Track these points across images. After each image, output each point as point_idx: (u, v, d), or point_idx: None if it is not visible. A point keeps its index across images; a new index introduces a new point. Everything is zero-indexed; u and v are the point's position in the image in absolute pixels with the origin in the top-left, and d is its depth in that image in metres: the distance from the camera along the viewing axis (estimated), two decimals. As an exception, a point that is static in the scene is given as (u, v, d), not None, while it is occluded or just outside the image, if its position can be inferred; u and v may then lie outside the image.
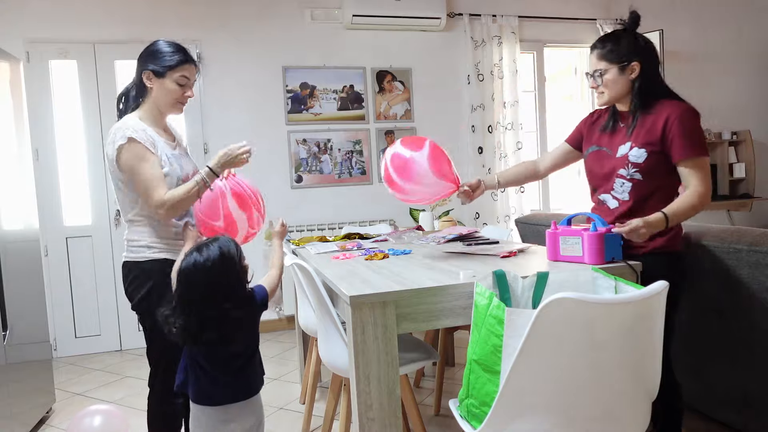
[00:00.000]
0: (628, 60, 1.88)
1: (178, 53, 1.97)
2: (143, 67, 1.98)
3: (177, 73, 1.96)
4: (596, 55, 1.93)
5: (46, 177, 3.99)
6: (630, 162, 1.89)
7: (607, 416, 1.28)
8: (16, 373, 2.61)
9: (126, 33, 4.10)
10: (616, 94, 1.93)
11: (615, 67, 1.90)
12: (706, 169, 1.84)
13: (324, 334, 2.00)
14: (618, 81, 1.91)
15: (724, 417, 2.31)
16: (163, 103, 2.00)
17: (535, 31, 5.02)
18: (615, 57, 1.89)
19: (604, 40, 1.93)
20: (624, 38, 1.90)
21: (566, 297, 1.16)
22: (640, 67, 1.89)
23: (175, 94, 1.98)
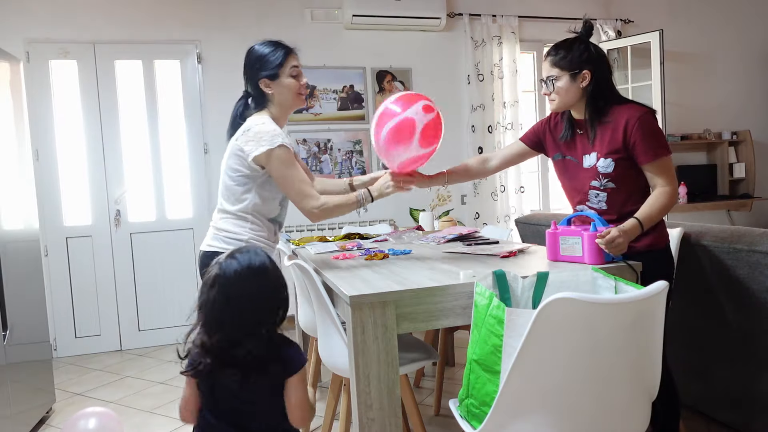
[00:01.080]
0: (580, 68, 1.91)
1: (279, 49, 2.02)
2: (256, 76, 2.03)
3: (287, 67, 2.02)
4: (549, 62, 1.96)
5: (46, 177, 3.99)
6: (600, 173, 1.93)
7: (607, 416, 1.28)
8: (16, 373, 2.61)
9: (126, 33, 4.10)
10: (568, 101, 1.96)
11: (566, 74, 1.92)
12: (670, 167, 1.88)
13: (324, 334, 2.00)
14: (570, 89, 1.93)
15: (725, 417, 2.31)
16: (288, 101, 2.05)
17: (535, 31, 5.02)
18: (567, 64, 1.92)
19: (557, 48, 1.96)
20: (576, 46, 1.93)
21: (566, 297, 1.16)
22: (591, 75, 1.91)
23: (294, 88, 2.04)
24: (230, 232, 2.01)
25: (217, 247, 1.99)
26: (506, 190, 4.87)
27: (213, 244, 2.01)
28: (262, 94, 2.04)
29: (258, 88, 2.03)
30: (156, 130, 4.22)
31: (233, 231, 2.00)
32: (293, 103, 2.07)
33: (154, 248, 4.21)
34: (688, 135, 5.47)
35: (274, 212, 2.09)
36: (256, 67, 2.02)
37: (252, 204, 2.00)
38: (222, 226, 2.02)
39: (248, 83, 2.07)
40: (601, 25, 5.10)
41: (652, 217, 1.82)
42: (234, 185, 2.01)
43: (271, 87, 2.02)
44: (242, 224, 2.01)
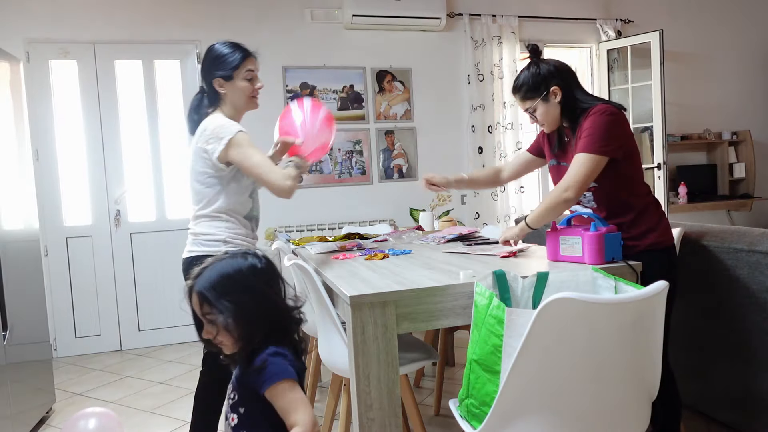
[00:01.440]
0: (546, 88, 1.96)
1: (237, 51, 2.06)
2: (211, 75, 2.05)
3: (242, 70, 2.05)
4: (519, 99, 2.03)
5: (46, 177, 4.00)
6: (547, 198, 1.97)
7: (607, 416, 1.28)
8: (16, 373, 2.61)
9: (126, 33, 4.10)
10: (555, 121, 2.01)
11: (538, 100, 1.98)
12: (584, 163, 1.85)
13: (324, 334, 2.00)
14: (549, 110, 1.99)
15: (725, 417, 2.31)
16: (240, 103, 2.09)
17: (535, 31, 5.02)
18: (534, 93, 1.98)
19: (517, 82, 2.02)
20: (532, 72, 1.98)
21: (566, 297, 1.16)
22: (560, 88, 1.95)
23: (247, 91, 2.08)
24: (208, 235, 2.02)
25: (197, 251, 2.01)
26: (506, 190, 4.87)
27: (193, 249, 2.04)
28: (215, 93, 2.08)
29: (212, 87, 2.06)
30: (156, 130, 4.22)
31: (210, 233, 2.02)
32: (245, 105, 2.12)
33: (154, 248, 4.21)
34: (688, 135, 5.47)
35: (247, 207, 2.12)
36: (212, 65, 2.05)
37: (224, 203, 2.03)
38: (199, 230, 2.05)
39: (203, 80, 2.10)
40: (601, 25, 5.10)
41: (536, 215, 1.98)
42: (204, 188, 2.03)
43: (224, 87, 2.06)
44: (218, 224, 2.03)
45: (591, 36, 5.17)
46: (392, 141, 4.70)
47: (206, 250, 2.00)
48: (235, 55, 2.04)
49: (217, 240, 2.02)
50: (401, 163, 4.74)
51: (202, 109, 2.11)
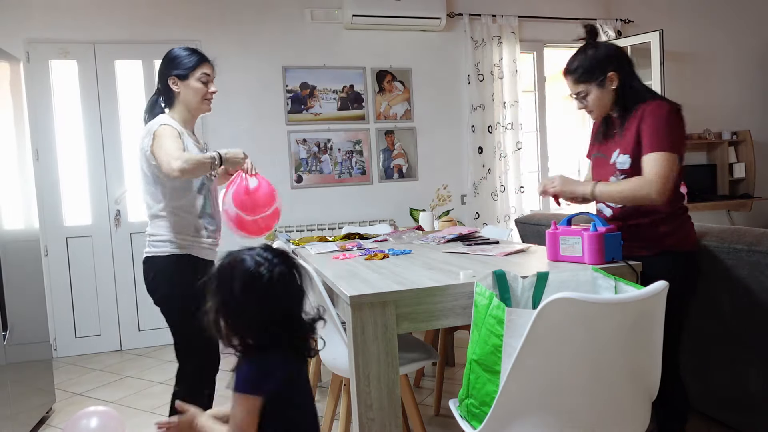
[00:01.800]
0: (604, 72, 1.87)
1: (194, 55, 2.13)
2: (167, 74, 2.10)
3: (198, 71, 2.10)
4: (572, 80, 1.93)
5: (46, 177, 4.00)
6: (617, 169, 1.90)
7: (607, 416, 1.28)
8: (16, 373, 2.61)
9: (126, 33, 4.10)
10: (605, 109, 1.93)
11: (593, 85, 1.89)
12: (664, 160, 1.75)
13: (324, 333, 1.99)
14: (602, 97, 1.90)
15: (725, 417, 2.31)
16: (192, 103, 2.12)
17: (535, 31, 5.02)
18: (591, 76, 1.89)
19: (573, 63, 1.93)
20: (591, 53, 1.90)
21: (566, 297, 1.16)
22: (618, 74, 1.87)
23: (201, 92, 2.12)
24: (154, 235, 2.05)
25: (148, 252, 2.06)
26: (506, 190, 4.87)
27: (146, 250, 2.07)
28: (169, 92, 2.11)
29: (167, 85, 2.10)
30: (156, 130, 4.21)
31: (157, 233, 2.05)
32: (198, 106, 2.14)
33: (154, 248, 4.21)
34: (688, 135, 5.46)
35: (197, 205, 2.09)
36: (170, 65, 2.10)
37: (168, 201, 2.04)
38: (149, 231, 2.08)
39: (159, 80, 2.14)
40: (601, 25, 5.10)
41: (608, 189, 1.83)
42: (148, 187, 2.06)
43: (178, 86, 2.09)
44: (162, 224, 2.05)
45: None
46: (392, 141, 4.70)
47: (154, 251, 2.04)
48: (192, 57, 2.11)
49: (162, 240, 2.03)
50: (401, 163, 4.74)
51: (156, 109, 2.14)
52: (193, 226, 2.07)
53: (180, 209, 2.05)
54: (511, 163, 4.85)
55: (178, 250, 2.03)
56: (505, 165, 4.84)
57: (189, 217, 2.07)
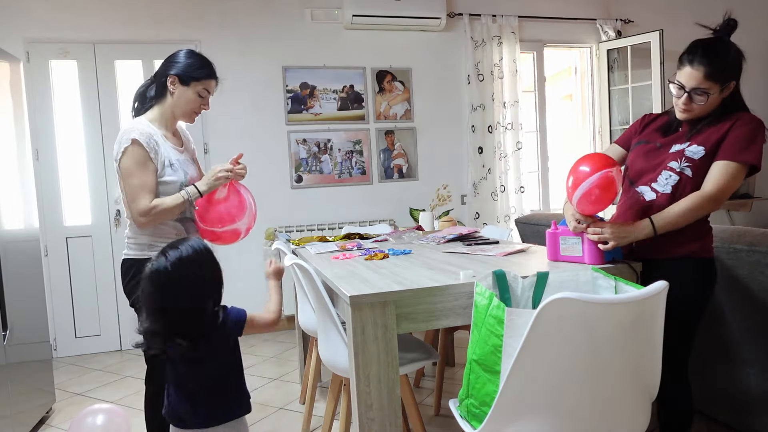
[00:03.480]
0: (728, 80, 1.75)
1: (205, 68, 2.05)
2: (169, 70, 2.03)
3: (201, 85, 2.03)
4: (703, 74, 1.71)
5: (46, 177, 4.00)
6: (685, 156, 1.79)
7: (607, 416, 1.28)
8: (16, 373, 2.61)
9: (126, 33, 4.10)
10: (707, 112, 1.79)
11: (719, 87, 1.73)
12: (733, 173, 1.70)
13: (324, 334, 2.00)
14: (714, 101, 1.77)
15: (725, 417, 2.31)
16: (180, 109, 2.05)
17: (535, 31, 5.02)
18: (722, 76, 1.72)
19: (712, 58, 1.72)
20: (732, 56, 1.75)
21: (566, 297, 1.16)
22: (736, 85, 1.79)
23: (193, 104, 2.05)
24: (132, 238, 2.01)
25: (126, 254, 2.03)
26: (506, 190, 4.87)
27: (125, 252, 2.04)
28: (164, 87, 2.04)
29: (164, 80, 2.03)
30: (156, 130, 4.21)
31: (132, 236, 2.01)
32: (183, 114, 2.07)
33: (154, 248, 4.21)
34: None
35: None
36: (176, 64, 2.03)
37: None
38: (127, 233, 2.03)
39: (159, 71, 2.07)
40: (601, 25, 5.10)
41: (670, 217, 1.72)
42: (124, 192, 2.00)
43: (175, 86, 2.02)
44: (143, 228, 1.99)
45: (591, 36, 5.17)
46: (392, 141, 4.70)
47: (133, 254, 2.00)
48: (202, 69, 2.04)
49: (142, 243, 2.00)
50: (401, 163, 4.74)
51: (146, 99, 2.08)
52: (174, 231, 2.02)
53: None
54: (511, 163, 4.85)
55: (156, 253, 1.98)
56: (505, 165, 4.84)
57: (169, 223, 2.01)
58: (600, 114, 5.20)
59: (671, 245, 1.81)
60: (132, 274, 1.99)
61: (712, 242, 1.86)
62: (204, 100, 2.08)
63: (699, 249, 1.81)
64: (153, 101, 2.07)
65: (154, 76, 2.10)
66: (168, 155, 2.00)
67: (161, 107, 2.06)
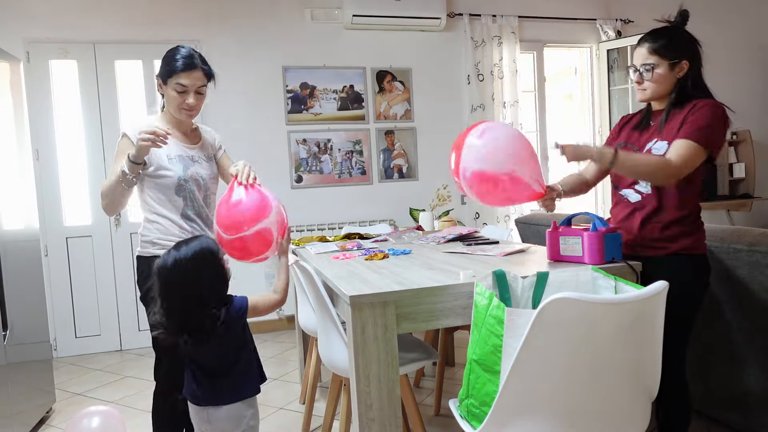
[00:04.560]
0: (679, 57, 1.86)
1: (177, 61, 1.96)
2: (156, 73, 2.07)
3: (174, 80, 1.97)
4: (647, 49, 1.87)
5: (46, 177, 4.00)
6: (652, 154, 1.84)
7: (607, 416, 1.28)
8: (16, 373, 2.61)
9: (126, 33, 4.10)
10: (661, 90, 1.89)
11: (666, 62, 1.86)
12: (690, 150, 1.74)
13: (324, 334, 2.00)
14: (666, 78, 1.87)
15: (725, 417, 2.31)
16: (171, 108, 2.05)
17: (535, 31, 5.02)
18: (667, 53, 1.85)
19: (656, 35, 1.88)
20: (676, 35, 1.88)
21: (566, 297, 1.16)
22: (689, 66, 1.87)
23: (175, 101, 2.01)
24: (142, 236, 2.06)
25: (138, 251, 2.07)
26: (506, 190, 4.86)
27: (138, 250, 2.08)
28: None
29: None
30: (156, 130, 4.21)
31: (143, 234, 2.05)
32: (174, 112, 2.05)
33: (154, 248, 4.21)
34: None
35: (176, 205, 2.03)
36: (161, 64, 2.04)
37: (149, 203, 2.04)
38: (140, 230, 2.09)
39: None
40: (601, 25, 5.10)
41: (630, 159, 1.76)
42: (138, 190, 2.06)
43: (161, 88, 2.05)
44: (148, 225, 2.05)
45: (591, 36, 5.17)
46: (392, 141, 4.70)
47: (141, 252, 2.05)
48: (177, 63, 1.96)
49: (146, 241, 2.04)
50: (401, 163, 4.74)
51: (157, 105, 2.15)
52: (180, 229, 2.04)
53: (162, 208, 2.03)
54: (511, 163, 4.85)
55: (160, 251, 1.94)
56: (505, 165, 4.83)
57: (174, 219, 2.04)
58: (600, 114, 5.20)
59: (665, 241, 1.83)
60: (140, 270, 2.04)
61: (704, 238, 1.88)
62: (184, 95, 1.98)
63: (692, 245, 1.83)
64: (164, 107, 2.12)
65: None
66: (168, 150, 2.01)
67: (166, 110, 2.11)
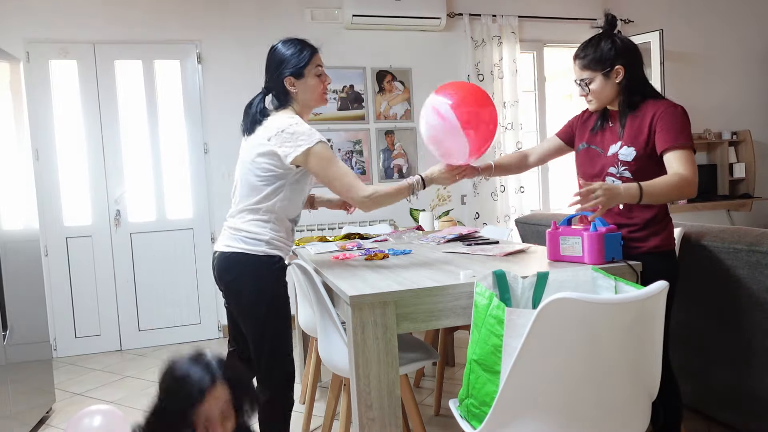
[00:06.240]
0: (612, 65, 1.88)
1: (305, 48, 2.02)
2: (281, 74, 1.99)
3: (312, 66, 2.02)
4: (579, 65, 1.94)
5: (46, 177, 4.00)
6: (619, 160, 1.90)
7: (607, 416, 1.28)
8: (16, 373, 2.61)
9: (126, 33, 4.10)
10: (605, 99, 1.94)
11: (599, 74, 1.90)
12: (690, 158, 1.78)
13: (324, 334, 2.00)
14: (604, 87, 1.91)
15: (725, 417, 2.31)
16: (310, 100, 2.05)
17: (535, 31, 5.02)
18: (597, 65, 1.90)
19: (584, 49, 1.94)
20: (604, 44, 1.91)
21: (566, 297, 1.16)
22: (625, 69, 1.88)
23: (318, 87, 2.05)
24: (251, 233, 1.92)
25: (236, 247, 1.92)
26: (506, 190, 4.87)
27: (232, 244, 1.93)
28: (285, 92, 2.02)
29: (282, 86, 2.00)
30: (156, 130, 4.22)
31: (254, 231, 1.92)
32: (316, 103, 2.07)
33: (154, 248, 4.21)
34: (688, 135, 5.46)
35: (297, 211, 2.04)
36: (281, 65, 2.00)
37: (279, 203, 1.94)
38: (242, 227, 1.94)
39: (271, 80, 2.03)
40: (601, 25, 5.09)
41: (657, 190, 1.71)
42: (262, 184, 1.93)
43: (295, 86, 2.00)
44: (264, 225, 1.93)
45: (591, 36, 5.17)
46: (392, 141, 4.70)
47: (247, 248, 1.91)
48: (304, 52, 2.00)
49: (261, 240, 1.92)
50: (401, 163, 4.74)
51: (267, 110, 2.05)
52: (286, 230, 2.00)
53: (284, 211, 1.96)
54: (511, 163, 4.85)
55: (275, 251, 1.94)
56: (505, 165, 4.84)
57: (286, 222, 1.99)
58: (600, 114, 5.19)
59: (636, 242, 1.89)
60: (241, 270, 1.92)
61: (672, 235, 1.93)
62: (323, 77, 2.06)
63: (661, 243, 1.89)
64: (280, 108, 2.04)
65: (266, 89, 2.06)
66: None
67: (293, 109, 2.03)
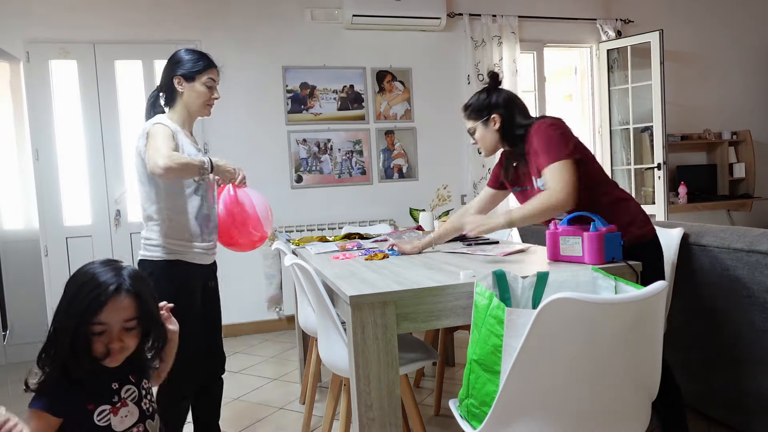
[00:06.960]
0: (488, 114, 2.10)
1: (203, 59, 2.14)
2: (173, 72, 2.10)
3: (204, 76, 2.11)
4: (465, 117, 2.18)
5: (46, 177, 4.00)
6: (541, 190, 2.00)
7: (607, 416, 1.28)
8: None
9: (126, 33, 4.10)
10: (489, 145, 2.15)
11: (479, 123, 2.13)
12: (558, 170, 1.89)
13: (324, 334, 2.00)
14: (485, 135, 2.13)
15: (724, 417, 2.31)
16: (194, 106, 2.13)
17: (535, 31, 5.02)
18: (477, 115, 2.13)
19: (466, 105, 2.17)
20: (480, 97, 2.13)
21: (566, 297, 1.16)
22: (501, 117, 2.08)
23: (204, 96, 2.13)
24: (147, 239, 2.05)
25: (143, 255, 2.06)
26: (506, 190, 4.86)
27: (141, 252, 2.07)
28: (172, 91, 2.11)
29: (171, 83, 2.10)
30: (156, 130, 4.22)
31: (149, 237, 2.05)
32: (199, 109, 2.15)
33: (154, 248, 4.21)
34: (688, 135, 5.47)
35: (191, 206, 2.07)
36: (177, 65, 2.10)
37: (164, 203, 2.03)
38: (143, 234, 2.08)
39: (163, 77, 2.14)
40: (601, 25, 5.10)
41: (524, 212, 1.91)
42: (144, 187, 2.05)
43: (183, 86, 2.10)
44: (156, 228, 2.04)
45: (591, 36, 5.17)
46: (392, 141, 4.70)
47: (147, 255, 2.04)
48: (200, 61, 2.12)
49: (154, 245, 2.03)
50: (401, 163, 4.74)
51: (157, 107, 2.15)
52: (188, 231, 2.05)
53: (174, 211, 2.03)
54: (511, 163, 4.85)
55: (170, 255, 2.02)
56: (505, 165, 4.84)
57: (183, 221, 2.04)
58: (600, 114, 5.20)
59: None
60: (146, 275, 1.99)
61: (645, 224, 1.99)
62: (212, 90, 2.15)
63: (641, 233, 1.96)
64: (167, 106, 2.14)
65: (159, 86, 2.16)
66: (187, 149, 2.06)
67: (176, 110, 2.13)
